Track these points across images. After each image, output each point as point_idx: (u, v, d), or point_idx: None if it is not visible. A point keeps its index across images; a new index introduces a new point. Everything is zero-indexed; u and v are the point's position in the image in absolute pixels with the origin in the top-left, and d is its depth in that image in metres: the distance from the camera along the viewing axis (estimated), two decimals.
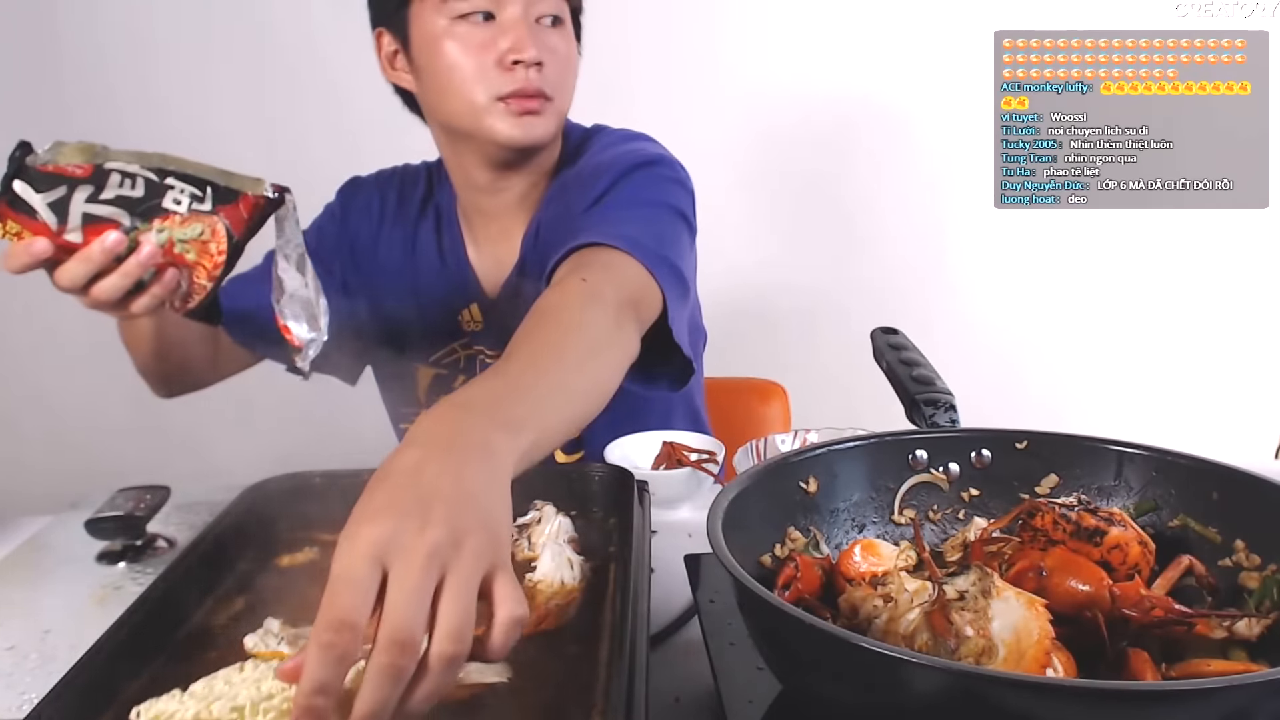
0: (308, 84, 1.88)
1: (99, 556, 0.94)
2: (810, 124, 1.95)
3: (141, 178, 0.72)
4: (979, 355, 1.93)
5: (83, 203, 0.71)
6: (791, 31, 1.90)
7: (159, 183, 0.73)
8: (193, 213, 0.74)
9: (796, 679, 0.60)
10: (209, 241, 0.75)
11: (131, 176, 0.72)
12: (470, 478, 0.51)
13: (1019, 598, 0.56)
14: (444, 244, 1.19)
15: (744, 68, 1.92)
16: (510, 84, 1.00)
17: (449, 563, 0.46)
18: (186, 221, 0.74)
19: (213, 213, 0.74)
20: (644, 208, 1.02)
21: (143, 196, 0.72)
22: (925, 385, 0.87)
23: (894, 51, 1.91)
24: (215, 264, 0.76)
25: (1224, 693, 0.46)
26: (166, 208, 0.73)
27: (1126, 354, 2.05)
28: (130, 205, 0.73)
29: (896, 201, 2.01)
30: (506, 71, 1.00)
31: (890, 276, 2.02)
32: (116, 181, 0.72)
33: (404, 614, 0.44)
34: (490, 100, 1.01)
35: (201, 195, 0.74)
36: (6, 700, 0.71)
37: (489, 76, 1.00)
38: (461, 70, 1.00)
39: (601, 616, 0.70)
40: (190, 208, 0.74)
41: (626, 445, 1.11)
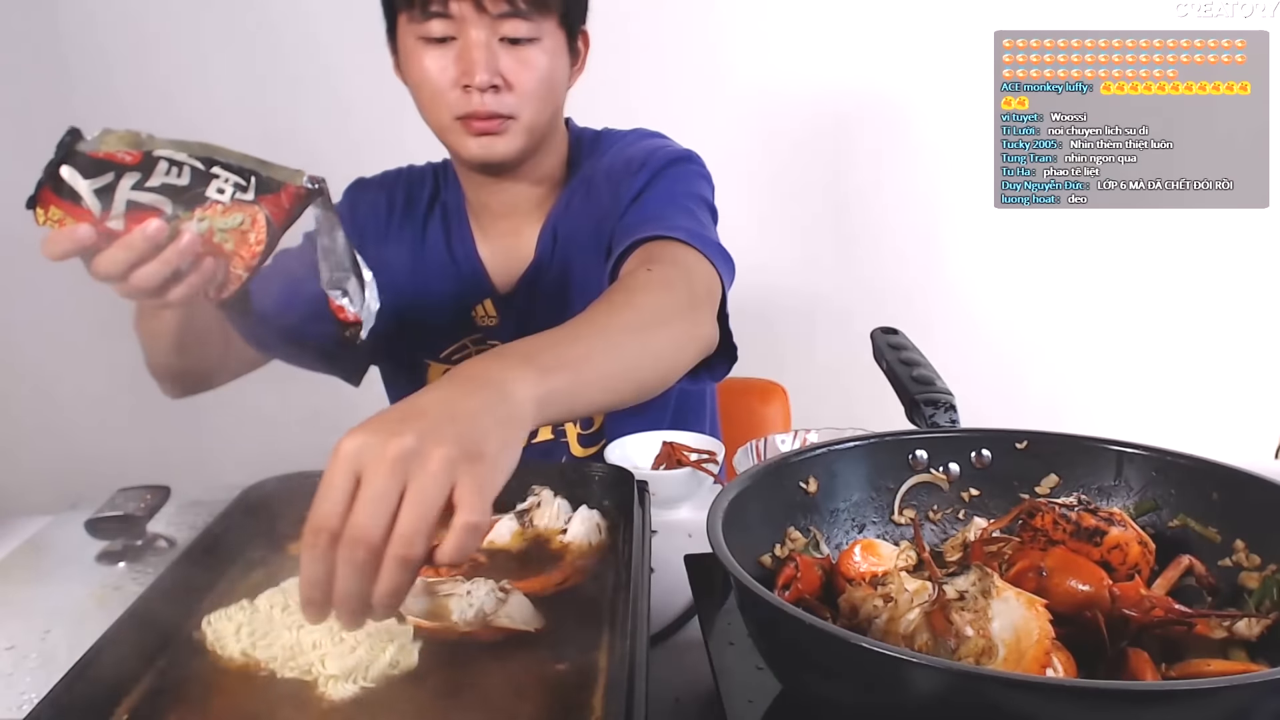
0: (310, 85, 1.88)
1: (99, 556, 0.94)
2: (810, 124, 1.95)
3: (188, 166, 0.72)
4: (979, 355, 1.93)
5: (128, 190, 0.71)
6: (791, 31, 1.90)
7: (205, 171, 0.72)
8: (235, 202, 0.74)
9: (796, 679, 0.60)
10: (248, 231, 0.75)
11: (179, 165, 0.72)
12: (462, 402, 0.54)
13: (1019, 598, 0.56)
14: (453, 242, 1.20)
15: (744, 68, 1.92)
16: (465, 106, 1.02)
17: (412, 471, 0.50)
18: (228, 211, 0.74)
19: (254, 202, 0.74)
20: (687, 200, 1.05)
21: (188, 185, 0.72)
22: (925, 385, 0.87)
23: (894, 51, 1.91)
24: (253, 254, 0.76)
25: (1224, 693, 0.46)
26: (209, 196, 0.73)
27: (1126, 354, 2.05)
28: (174, 193, 0.72)
29: (897, 201, 2.01)
30: (464, 94, 1.01)
31: (890, 276, 2.02)
32: (164, 169, 0.71)
33: (361, 516, 0.49)
34: (451, 120, 1.04)
35: (245, 185, 0.74)
36: (6, 700, 0.71)
37: (448, 98, 1.02)
38: (427, 89, 1.03)
39: (602, 616, 0.70)
40: (234, 197, 0.74)
41: (626, 445, 1.11)
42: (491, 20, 0.98)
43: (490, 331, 1.20)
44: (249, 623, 0.68)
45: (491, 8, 0.97)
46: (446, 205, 1.22)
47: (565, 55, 1.07)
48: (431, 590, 0.72)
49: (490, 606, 0.70)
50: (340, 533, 0.49)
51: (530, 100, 1.03)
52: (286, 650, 0.65)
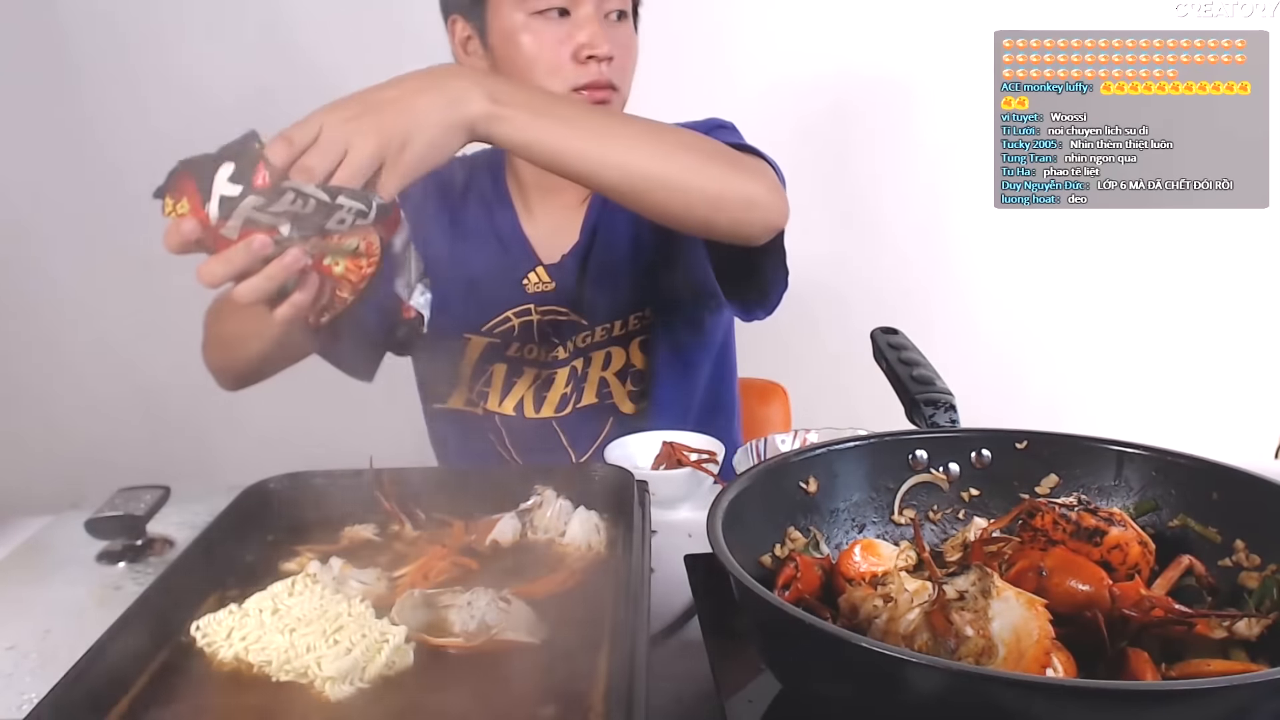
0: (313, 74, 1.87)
1: (99, 556, 0.94)
2: (810, 124, 1.94)
3: (314, 198, 0.71)
4: (979, 355, 1.93)
5: (249, 209, 0.69)
6: (791, 31, 1.90)
7: (330, 202, 0.72)
8: (354, 229, 0.74)
9: (796, 679, 0.60)
10: (361, 256, 0.75)
11: (305, 197, 0.71)
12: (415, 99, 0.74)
13: (1019, 598, 0.56)
14: (496, 221, 1.23)
15: (743, 67, 1.92)
16: (585, 77, 1.07)
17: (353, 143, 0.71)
18: (345, 237, 0.74)
19: (371, 226, 0.74)
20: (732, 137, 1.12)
21: (311, 213, 0.71)
22: (925, 385, 0.87)
23: (894, 51, 1.91)
24: (362, 275, 0.76)
25: (1224, 693, 0.46)
26: (329, 228, 0.73)
27: (1126, 354, 2.05)
28: (295, 218, 0.71)
29: (897, 201, 2.01)
30: (581, 65, 1.06)
31: (890, 276, 2.02)
32: (289, 200, 0.70)
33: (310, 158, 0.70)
34: (565, 92, 1.07)
35: (366, 211, 0.73)
36: (6, 700, 0.71)
37: (564, 70, 1.06)
38: (538, 63, 1.07)
39: (602, 616, 0.70)
40: (353, 224, 0.73)
41: (626, 445, 1.11)
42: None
43: (544, 297, 1.22)
44: (239, 627, 0.68)
45: None
46: (483, 190, 1.25)
47: (635, 35, 1.14)
48: (431, 602, 0.72)
49: (493, 618, 0.69)
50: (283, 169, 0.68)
51: (628, 73, 1.12)
52: (281, 653, 0.65)
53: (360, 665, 0.64)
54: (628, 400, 1.24)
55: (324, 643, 0.66)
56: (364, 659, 0.65)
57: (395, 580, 0.77)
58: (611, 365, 1.22)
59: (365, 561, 0.79)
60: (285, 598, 0.71)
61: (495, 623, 0.69)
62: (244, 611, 0.70)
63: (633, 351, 1.22)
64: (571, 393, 1.22)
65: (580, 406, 1.23)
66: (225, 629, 0.68)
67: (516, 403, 1.23)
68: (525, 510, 0.86)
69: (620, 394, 1.23)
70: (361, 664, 0.64)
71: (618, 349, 1.22)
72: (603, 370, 1.22)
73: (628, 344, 1.22)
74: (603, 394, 1.23)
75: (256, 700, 0.63)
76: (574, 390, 1.22)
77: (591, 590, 0.75)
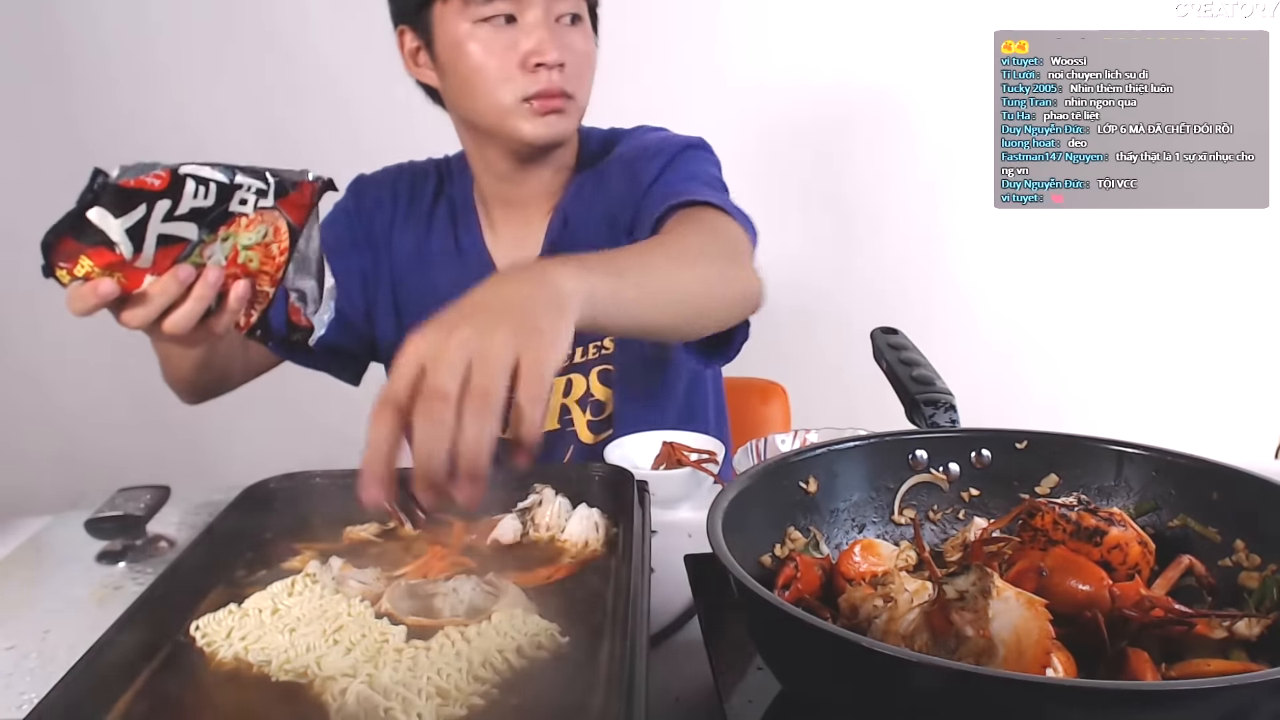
0: (309, 83, 1.88)
1: (99, 556, 0.94)
2: (809, 123, 1.94)
3: (214, 181, 0.70)
4: (979, 355, 1.93)
5: (159, 223, 0.68)
6: (791, 30, 1.90)
7: (229, 184, 0.71)
8: (258, 212, 0.73)
9: (796, 679, 0.60)
10: (271, 243, 0.74)
11: (205, 182, 0.69)
12: (514, 290, 0.60)
13: (1019, 598, 0.56)
14: (459, 232, 1.21)
15: (743, 67, 1.92)
16: (534, 85, 1.02)
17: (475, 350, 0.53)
18: (251, 224, 0.73)
19: (275, 208, 0.73)
20: (705, 179, 1.09)
21: (213, 205, 0.70)
22: (925, 385, 0.87)
23: (894, 51, 1.91)
24: (277, 265, 0.75)
25: (1224, 693, 0.46)
26: (233, 211, 0.72)
27: (1127, 353, 2.05)
28: (200, 216, 0.70)
29: (896, 201, 2.01)
30: (530, 73, 1.02)
31: (890, 276, 2.02)
32: (191, 191, 0.69)
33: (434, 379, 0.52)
34: (515, 101, 1.03)
35: (265, 189, 0.72)
36: (6, 700, 0.71)
37: (513, 78, 1.02)
38: (485, 72, 1.03)
39: (602, 617, 0.70)
40: (256, 205, 0.72)
41: (627, 445, 1.11)
42: (546, 1, 1.01)
43: None
44: (239, 627, 0.69)
45: None
46: (453, 199, 1.23)
47: (593, 37, 1.09)
48: (415, 592, 0.72)
49: (480, 601, 0.70)
50: (408, 406, 0.53)
51: (583, 79, 1.07)
52: (281, 653, 0.65)
53: (360, 664, 0.64)
54: (588, 430, 1.20)
55: (324, 642, 0.66)
56: (364, 658, 0.65)
57: (395, 580, 0.78)
58: (573, 392, 1.19)
59: (365, 561, 0.79)
60: (285, 598, 0.72)
61: (484, 606, 0.69)
62: (244, 611, 0.70)
63: (592, 381, 1.19)
64: None
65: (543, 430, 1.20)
66: (225, 629, 0.69)
67: None
68: (525, 509, 0.86)
69: (580, 422, 1.20)
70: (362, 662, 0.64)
71: (578, 376, 1.19)
72: (564, 397, 1.19)
73: (587, 372, 1.19)
74: (564, 420, 1.20)
75: (256, 700, 0.63)
76: None
77: (591, 588, 0.75)
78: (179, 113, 1.87)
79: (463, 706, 0.60)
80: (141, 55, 1.87)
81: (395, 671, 0.62)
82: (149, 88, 1.88)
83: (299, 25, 1.85)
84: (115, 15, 1.86)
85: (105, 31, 1.87)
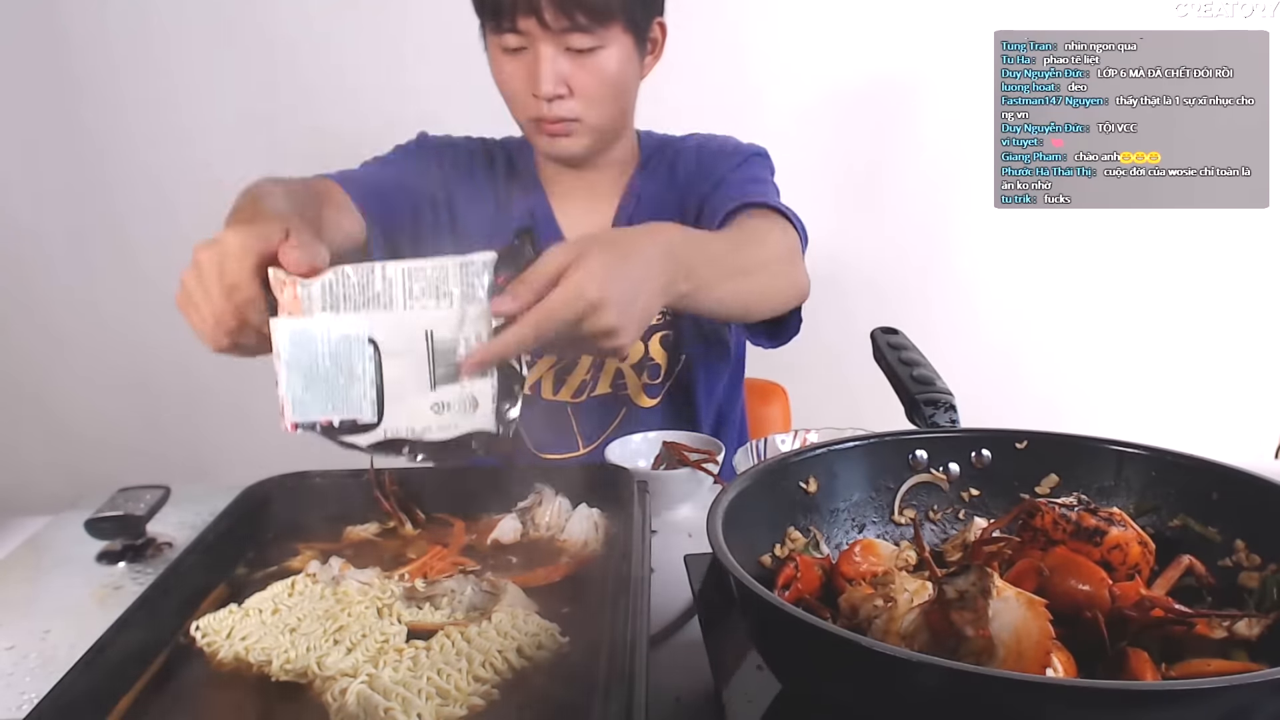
0: (311, 83, 1.88)
1: (99, 556, 0.94)
2: (809, 123, 1.94)
3: None
4: (979, 355, 1.93)
5: None
6: (790, 31, 1.90)
7: None
8: None
9: (796, 679, 0.60)
10: None
11: None
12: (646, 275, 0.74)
13: (1019, 598, 0.56)
14: (532, 205, 1.25)
15: (743, 66, 1.92)
16: (536, 111, 1.11)
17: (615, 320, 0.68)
18: None
19: None
20: (768, 186, 1.21)
21: None
22: (925, 385, 0.87)
23: (895, 51, 1.91)
24: None
25: (1224, 693, 0.46)
26: None
27: (1127, 353, 2.05)
28: None
29: (897, 201, 2.01)
30: (534, 100, 1.10)
31: (891, 276, 2.02)
32: None
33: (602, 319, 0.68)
34: (527, 120, 1.13)
35: None
36: (6, 700, 0.71)
37: (528, 105, 1.11)
38: (508, 93, 1.13)
39: (602, 617, 0.70)
40: None
41: (626, 445, 1.11)
42: (555, 35, 1.05)
43: None
44: (239, 627, 0.69)
45: (554, 24, 1.03)
46: (522, 175, 1.27)
47: (634, 55, 1.12)
48: (415, 593, 0.73)
49: (480, 601, 0.70)
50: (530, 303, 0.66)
51: (595, 104, 1.11)
52: (281, 653, 0.66)
53: (360, 664, 0.64)
54: (643, 394, 1.25)
55: (324, 642, 0.66)
56: (364, 658, 0.65)
57: (395, 580, 0.78)
58: (630, 356, 1.24)
59: (365, 561, 0.79)
60: (285, 598, 0.72)
61: (484, 606, 0.69)
62: (244, 611, 0.70)
63: (653, 345, 1.24)
64: (590, 379, 1.23)
65: (596, 394, 1.24)
66: (225, 629, 0.69)
67: (534, 382, 1.23)
68: (525, 509, 0.86)
69: (635, 386, 1.25)
70: (362, 662, 0.64)
71: (638, 341, 1.23)
72: (620, 360, 1.23)
73: (648, 337, 1.24)
74: (618, 384, 1.24)
75: (256, 700, 0.63)
76: (593, 377, 1.24)
77: (590, 588, 0.75)
78: (179, 113, 1.86)
79: (463, 706, 0.60)
80: (142, 55, 1.87)
81: (395, 671, 0.62)
82: (149, 87, 1.88)
83: (300, 25, 1.85)
84: (116, 15, 1.86)
85: (106, 31, 1.86)
